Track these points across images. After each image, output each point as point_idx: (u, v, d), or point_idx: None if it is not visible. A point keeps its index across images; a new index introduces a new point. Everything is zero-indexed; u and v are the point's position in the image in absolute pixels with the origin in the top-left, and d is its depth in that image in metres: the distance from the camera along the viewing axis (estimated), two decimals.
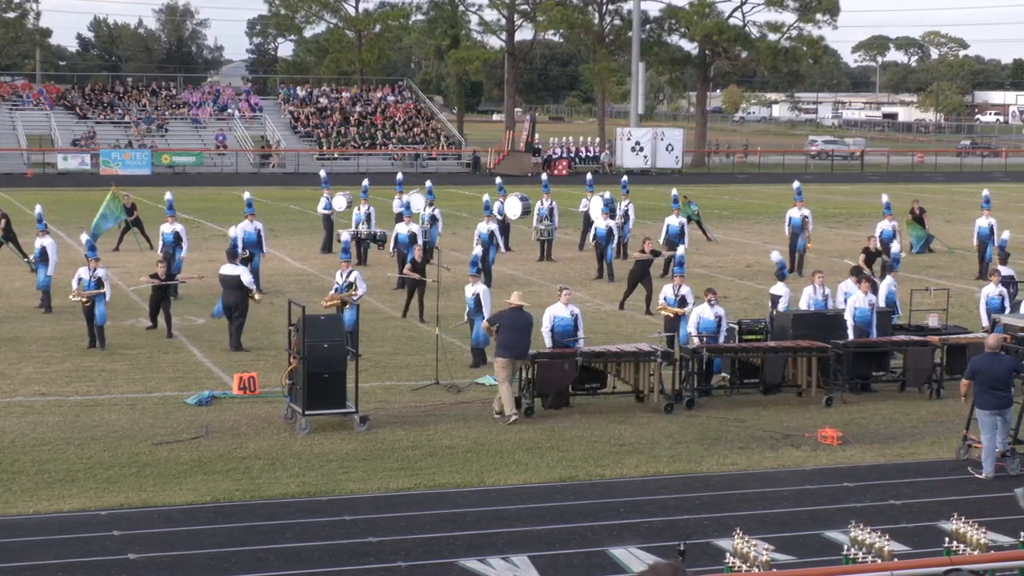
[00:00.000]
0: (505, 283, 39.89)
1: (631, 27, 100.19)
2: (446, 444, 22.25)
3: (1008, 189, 79.62)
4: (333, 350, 22.91)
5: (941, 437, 23.14)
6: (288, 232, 52.77)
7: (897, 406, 25.70)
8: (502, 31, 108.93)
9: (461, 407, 24.92)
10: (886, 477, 20.81)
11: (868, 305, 27.42)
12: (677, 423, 24.06)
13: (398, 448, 21.92)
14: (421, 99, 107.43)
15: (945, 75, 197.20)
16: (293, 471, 20.41)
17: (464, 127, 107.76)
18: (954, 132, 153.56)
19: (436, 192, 47.22)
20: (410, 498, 19.19)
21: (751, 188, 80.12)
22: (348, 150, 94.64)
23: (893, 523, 17.57)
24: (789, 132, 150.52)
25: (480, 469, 20.72)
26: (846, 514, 17.37)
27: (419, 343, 30.43)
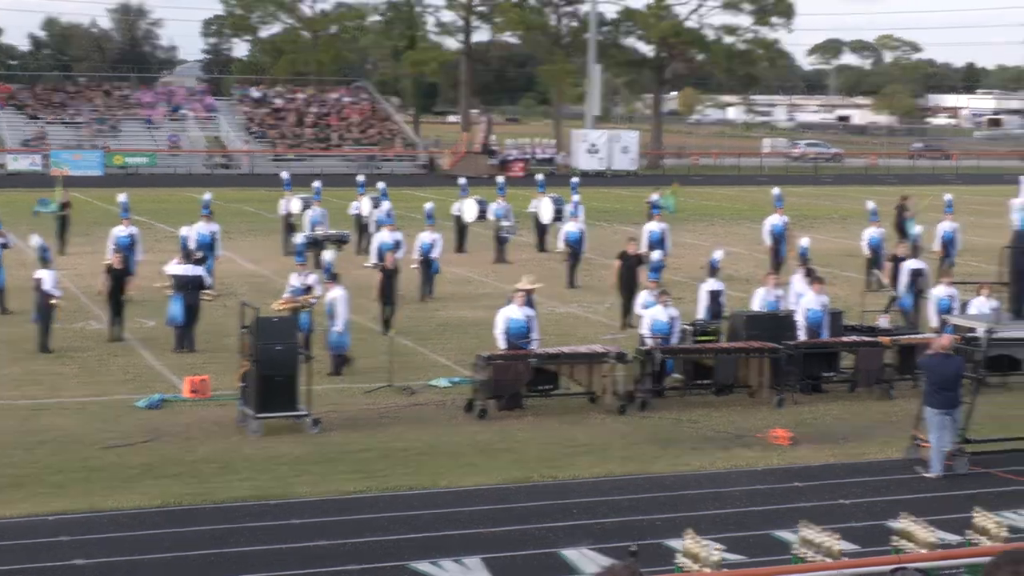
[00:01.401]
0: (460, 283, 39.92)
1: (588, 29, 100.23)
2: (399, 447, 22.22)
3: (959, 191, 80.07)
4: (285, 353, 22.87)
5: (891, 437, 23.25)
6: (242, 234, 52.61)
7: (847, 406, 25.83)
8: (459, 32, 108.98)
9: (415, 409, 24.91)
10: (836, 477, 20.91)
11: (819, 306, 27.55)
12: (630, 424, 24.12)
13: (350, 451, 21.88)
14: (377, 100, 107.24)
15: (898, 78, 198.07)
16: (244, 474, 20.34)
17: (420, 128, 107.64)
18: (907, 135, 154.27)
19: (391, 194, 47.17)
20: (362, 501, 19.16)
21: (706, 190, 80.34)
22: (303, 151, 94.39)
23: (842, 522, 17.63)
24: (744, 134, 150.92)
25: (433, 471, 20.70)
26: (796, 513, 17.41)
27: (372, 345, 30.38)
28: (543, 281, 40.76)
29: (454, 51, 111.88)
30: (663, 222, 40.77)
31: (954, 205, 43.28)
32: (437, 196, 57.94)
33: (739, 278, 40.29)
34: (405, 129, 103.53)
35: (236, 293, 36.33)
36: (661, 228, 40.21)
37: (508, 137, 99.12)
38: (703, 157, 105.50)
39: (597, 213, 55.35)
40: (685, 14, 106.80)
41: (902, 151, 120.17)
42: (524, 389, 25.01)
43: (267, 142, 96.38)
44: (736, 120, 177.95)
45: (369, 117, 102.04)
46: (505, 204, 45.64)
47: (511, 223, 45.64)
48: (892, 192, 71.31)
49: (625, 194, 73.68)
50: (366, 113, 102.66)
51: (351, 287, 38.50)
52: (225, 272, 40.40)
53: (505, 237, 45.45)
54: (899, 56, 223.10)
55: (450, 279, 39.09)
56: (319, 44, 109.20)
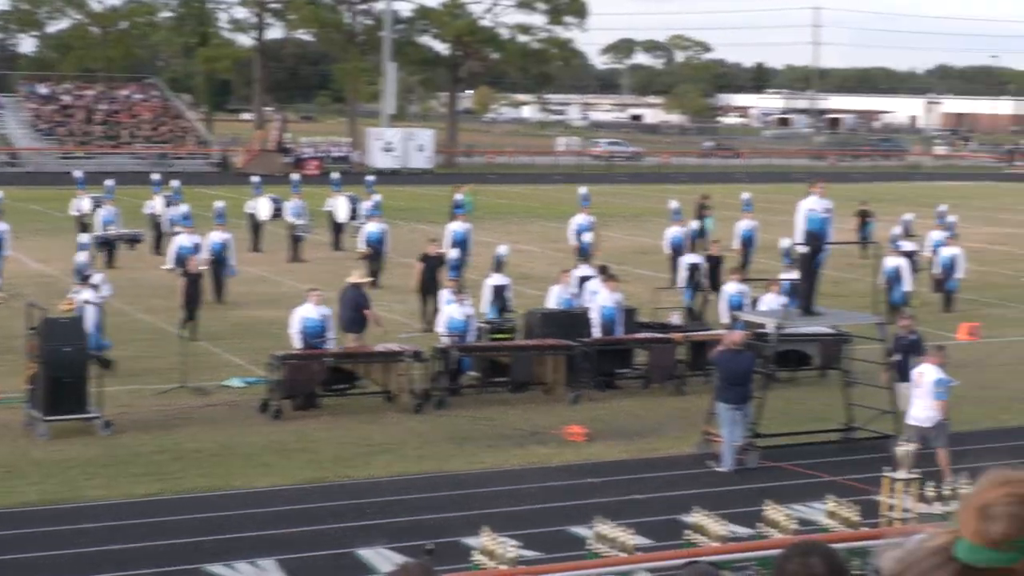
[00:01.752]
0: (255, 282, 39.49)
1: (382, 27, 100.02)
2: (192, 448, 21.94)
3: (749, 190, 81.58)
4: (74, 354, 22.41)
5: (683, 432, 23.59)
6: (30, 233, 51.36)
7: (641, 402, 26.14)
8: (252, 29, 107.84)
9: (208, 410, 24.61)
10: (630, 472, 21.17)
11: (613, 303, 27.85)
12: (426, 423, 24.12)
13: (143, 453, 21.53)
14: (169, 97, 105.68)
15: (689, 77, 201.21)
16: (32, 479, 19.88)
17: (213, 126, 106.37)
18: (698, 134, 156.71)
19: (185, 192, 46.54)
20: (155, 504, 18.87)
21: (501, 188, 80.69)
22: (92, 149, 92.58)
23: (636, 517, 17.82)
24: (538, 133, 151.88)
25: (227, 472, 20.48)
26: (591, 509, 17.58)
27: (164, 346, 29.88)
28: (336, 279, 40.61)
29: (247, 48, 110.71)
30: (467, 222, 40.41)
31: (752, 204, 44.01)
32: (231, 195, 57.31)
33: (534, 276, 40.52)
34: (198, 127, 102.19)
35: (23, 294, 35.46)
36: (464, 228, 39.81)
37: (303, 135, 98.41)
38: (498, 156, 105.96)
39: (393, 212, 55.17)
40: (479, 13, 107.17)
41: (694, 150, 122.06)
42: (319, 389, 24.86)
43: (55, 140, 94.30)
44: (531, 119, 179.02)
45: (161, 114, 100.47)
46: (300, 202, 45.30)
47: (306, 222, 45.32)
48: (683, 190, 72.42)
49: (421, 192, 73.67)
50: (157, 110, 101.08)
51: (145, 286, 37.99)
52: (12, 272, 39.41)
53: (300, 236, 45.12)
54: (690, 56, 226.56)
55: (245, 278, 38.64)
56: (109, 40, 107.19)
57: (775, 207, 56.42)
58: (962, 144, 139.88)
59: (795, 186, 72.17)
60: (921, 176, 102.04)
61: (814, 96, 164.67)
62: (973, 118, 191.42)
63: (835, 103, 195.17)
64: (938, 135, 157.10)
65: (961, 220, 48.53)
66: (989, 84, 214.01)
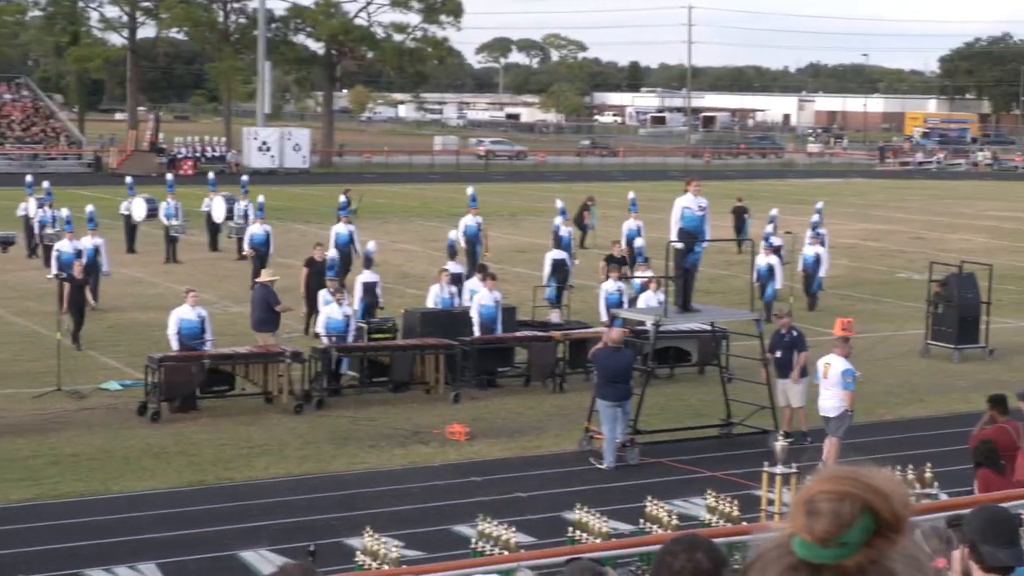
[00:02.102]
0: (131, 284, 39.04)
1: (256, 26, 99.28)
2: (69, 452, 21.65)
3: (626, 188, 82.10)
4: None
5: (564, 429, 23.70)
6: None
7: (522, 400, 26.20)
8: (124, 28, 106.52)
9: (85, 414, 24.29)
10: (512, 470, 21.22)
11: (493, 302, 27.89)
12: (307, 423, 24.01)
13: (18, 458, 21.21)
14: (40, 97, 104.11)
15: (565, 76, 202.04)
16: None
17: (86, 126, 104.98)
18: (574, 132, 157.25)
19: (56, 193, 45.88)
20: (32, 509, 18.61)
21: (378, 188, 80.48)
22: None
23: (519, 515, 17.90)
24: (415, 132, 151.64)
25: (105, 477, 20.25)
26: (474, 508, 17.62)
27: (39, 348, 29.48)
28: (214, 279, 40.27)
29: (119, 47, 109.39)
30: (350, 224, 39.74)
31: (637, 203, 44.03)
32: (105, 195, 56.70)
33: (413, 275, 40.50)
34: (70, 127, 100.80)
35: None
36: (348, 230, 39.11)
37: (177, 135, 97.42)
38: (375, 155, 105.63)
39: (270, 212, 54.78)
40: (354, 12, 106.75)
41: (570, 148, 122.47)
42: (198, 390, 24.65)
43: None
44: (407, 118, 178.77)
45: (32, 115, 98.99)
46: (175, 203, 44.83)
47: (181, 222, 44.88)
48: (560, 189, 72.71)
49: (298, 192, 73.28)
50: (28, 111, 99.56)
51: (18, 289, 37.41)
52: None
53: (175, 237, 44.68)
54: (565, 55, 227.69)
55: (120, 280, 38.21)
56: None
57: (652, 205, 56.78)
58: (835, 142, 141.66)
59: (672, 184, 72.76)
60: (795, 174, 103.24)
61: (688, 95, 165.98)
62: (845, 116, 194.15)
63: (709, 101, 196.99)
64: (811, 133, 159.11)
65: (834, 217, 49.20)
66: (860, 82, 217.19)
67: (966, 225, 61.65)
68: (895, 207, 71.55)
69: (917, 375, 29.45)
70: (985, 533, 7.40)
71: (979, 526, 7.52)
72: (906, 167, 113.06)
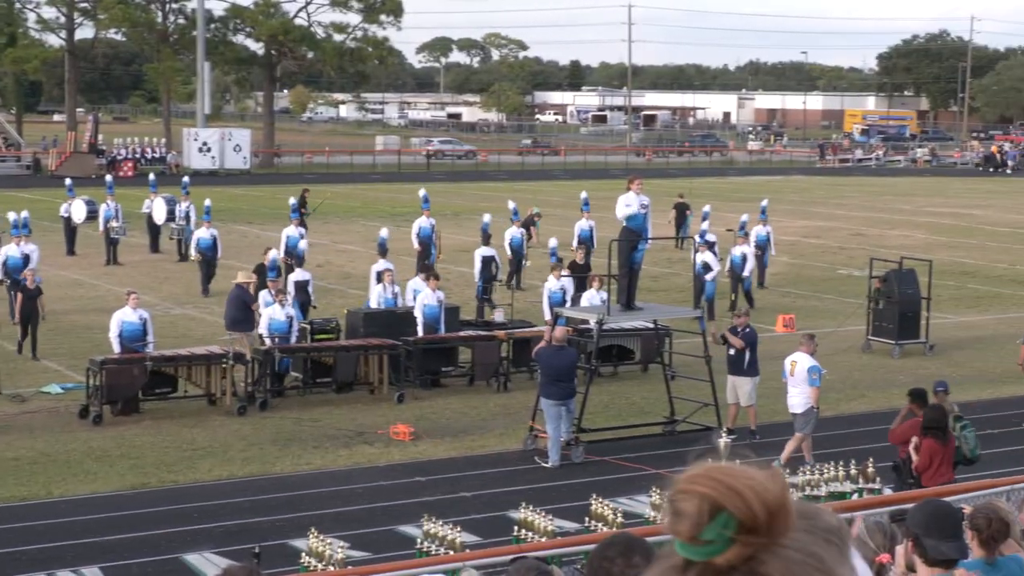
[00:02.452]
0: (71, 286, 38.78)
1: (196, 26, 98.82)
2: (10, 456, 21.49)
3: (568, 186, 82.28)
4: None
5: (509, 429, 23.73)
6: None
7: (466, 400, 26.20)
8: (62, 29, 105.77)
9: (26, 417, 24.12)
10: (457, 470, 21.23)
11: (436, 302, 27.88)
12: (250, 425, 23.93)
13: None
14: None
15: (506, 76, 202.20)
16: None
17: (24, 128, 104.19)
18: (516, 131, 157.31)
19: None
20: None
21: (320, 188, 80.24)
22: None
23: (464, 515, 17.91)
24: (356, 132, 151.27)
25: (47, 480, 20.11)
26: (419, 508, 17.60)
27: None
28: (155, 281, 40.06)
29: (57, 49, 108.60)
30: (301, 226, 39.17)
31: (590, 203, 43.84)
32: (44, 197, 56.36)
33: (356, 275, 40.42)
34: (8, 129, 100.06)
35: None
36: (300, 232, 38.39)
37: (117, 136, 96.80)
38: (316, 155, 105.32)
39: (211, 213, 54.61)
40: (294, 12, 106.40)
41: (512, 148, 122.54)
42: (140, 393, 24.52)
43: None
44: (348, 118, 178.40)
45: None
46: (115, 205, 44.55)
47: (122, 224, 44.61)
48: (503, 188, 72.75)
49: (239, 193, 72.99)
50: None
51: None
52: None
53: (116, 239, 44.41)
54: (506, 54, 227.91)
55: (61, 283, 37.95)
56: None
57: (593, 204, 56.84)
58: (775, 139, 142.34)
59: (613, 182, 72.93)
60: (736, 171, 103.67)
61: (629, 93, 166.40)
62: (785, 113, 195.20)
63: (650, 100, 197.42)
64: (751, 131, 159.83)
65: (775, 214, 49.44)
66: (799, 80, 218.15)
67: (906, 221, 62.09)
68: (835, 204, 71.98)
69: (858, 371, 29.65)
70: (928, 527, 7.47)
71: (922, 520, 7.59)
72: (846, 164, 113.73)
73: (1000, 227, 60.20)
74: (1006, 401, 26.13)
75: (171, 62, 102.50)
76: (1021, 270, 45.10)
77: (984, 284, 42.61)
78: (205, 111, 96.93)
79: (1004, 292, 41.02)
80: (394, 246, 37.86)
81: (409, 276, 31.91)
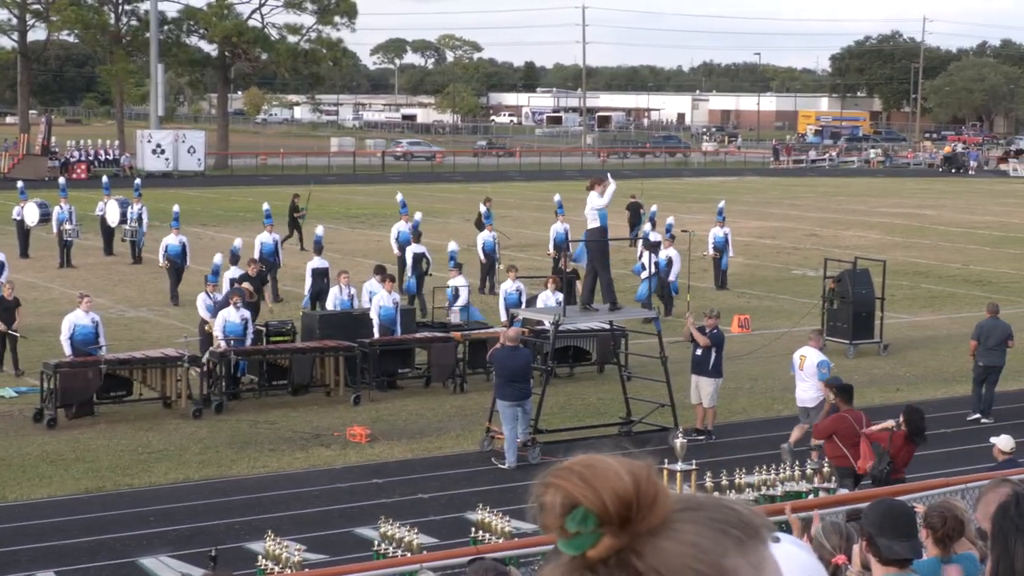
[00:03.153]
0: (25, 289, 38.50)
1: (149, 28, 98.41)
2: None
3: (523, 188, 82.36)
4: None
5: (465, 430, 23.73)
6: None
7: (423, 401, 26.20)
8: (13, 31, 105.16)
9: None
10: (414, 472, 21.21)
11: (392, 304, 27.86)
12: (206, 428, 23.85)
13: None
14: None
15: (461, 77, 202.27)
16: None
17: None
18: (471, 133, 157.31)
19: None
20: None
21: (274, 190, 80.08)
22: None
23: (421, 516, 17.90)
24: (311, 134, 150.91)
25: (1, 485, 20.01)
26: (376, 510, 17.59)
27: None
28: (108, 283, 39.88)
29: (9, 51, 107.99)
30: (275, 232, 38.58)
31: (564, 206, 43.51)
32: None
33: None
34: None
35: None
36: (273, 239, 37.86)
37: (70, 138, 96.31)
38: (271, 157, 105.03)
39: (164, 215, 54.43)
40: (248, 13, 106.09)
41: (467, 149, 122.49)
42: (95, 396, 24.40)
43: None
44: (303, 120, 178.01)
45: None
46: (68, 207, 44.32)
47: (75, 227, 44.38)
48: (457, 190, 72.73)
49: (193, 195, 72.70)
50: None
51: None
52: None
53: (69, 241, 44.18)
54: (461, 56, 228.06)
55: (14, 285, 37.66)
56: None
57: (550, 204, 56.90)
58: (729, 140, 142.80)
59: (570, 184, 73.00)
60: (690, 172, 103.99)
61: (584, 94, 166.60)
62: (739, 114, 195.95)
63: (604, 101, 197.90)
64: (706, 132, 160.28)
65: (729, 215, 49.63)
66: (753, 81, 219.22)
67: (859, 222, 62.39)
68: (789, 205, 72.28)
69: None
70: (882, 526, 7.51)
71: (876, 519, 7.63)
72: (800, 165, 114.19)
73: (953, 227, 60.57)
74: (959, 400, 26.29)
75: (124, 64, 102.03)
76: (974, 270, 45.38)
77: (938, 284, 42.87)
78: (159, 113, 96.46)
79: (958, 292, 41.27)
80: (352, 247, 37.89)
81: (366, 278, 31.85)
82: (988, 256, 50.13)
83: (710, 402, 23.53)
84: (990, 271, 44.70)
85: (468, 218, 61.44)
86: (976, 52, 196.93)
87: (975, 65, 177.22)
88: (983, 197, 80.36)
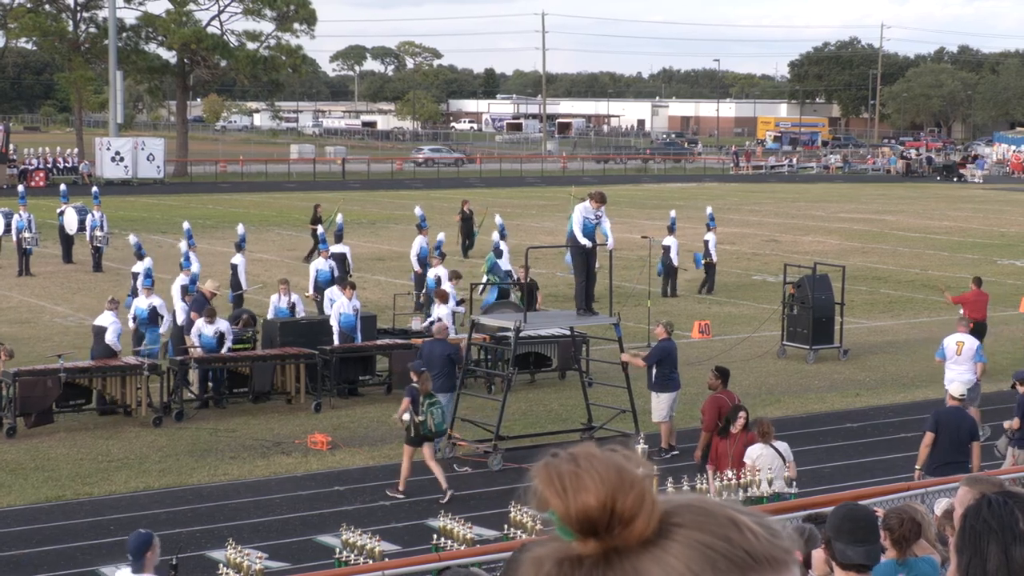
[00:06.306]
0: None
1: (107, 35, 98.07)
2: None
3: (484, 194, 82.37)
4: None
5: None
6: None
7: (384, 409, 26.14)
8: None
9: None
10: (375, 479, 21.19)
11: (353, 311, 27.83)
12: (166, 436, 23.77)
13: None
14: None
15: (420, 84, 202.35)
16: None
17: None
18: (431, 140, 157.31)
19: None
20: None
21: (234, 197, 79.91)
22: None
23: (383, 523, 17.90)
24: (271, 141, 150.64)
25: None
26: (338, 517, 17.58)
27: None
28: (68, 291, 39.72)
29: None
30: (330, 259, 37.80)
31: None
32: None
33: (272, 285, 40.17)
34: None
35: None
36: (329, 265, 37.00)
37: (28, 146, 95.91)
38: (230, 164, 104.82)
39: (123, 222, 54.29)
40: (207, 20, 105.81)
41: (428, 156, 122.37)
42: (55, 405, 24.28)
43: None
44: (262, 127, 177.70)
45: None
46: (27, 215, 44.13)
47: (34, 234, 44.19)
48: (418, 196, 72.64)
49: (152, 203, 72.49)
50: None
51: None
52: None
53: (28, 249, 43.98)
54: (420, 62, 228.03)
55: None
56: None
57: (510, 212, 56.96)
58: (688, 146, 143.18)
59: (531, 190, 73.03)
60: (649, 178, 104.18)
61: (544, 101, 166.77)
62: (698, 120, 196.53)
63: (565, 108, 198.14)
64: (665, 138, 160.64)
65: (689, 221, 49.74)
66: (712, 87, 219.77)
67: (819, 227, 62.65)
68: (749, 211, 72.47)
69: (773, 376, 29.87)
70: (839, 530, 7.56)
71: (835, 523, 7.68)
72: (759, 171, 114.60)
73: (912, 232, 60.88)
74: (919, 405, 26.39)
75: (83, 71, 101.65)
76: (933, 275, 45.62)
77: (896, 289, 43.09)
78: (118, 120, 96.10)
79: (916, 297, 41.48)
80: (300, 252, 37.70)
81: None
82: (946, 261, 50.43)
83: (658, 417, 23.03)
84: (948, 276, 44.92)
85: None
86: (934, 58, 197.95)
87: (933, 71, 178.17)
88: (941, 203, 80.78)
